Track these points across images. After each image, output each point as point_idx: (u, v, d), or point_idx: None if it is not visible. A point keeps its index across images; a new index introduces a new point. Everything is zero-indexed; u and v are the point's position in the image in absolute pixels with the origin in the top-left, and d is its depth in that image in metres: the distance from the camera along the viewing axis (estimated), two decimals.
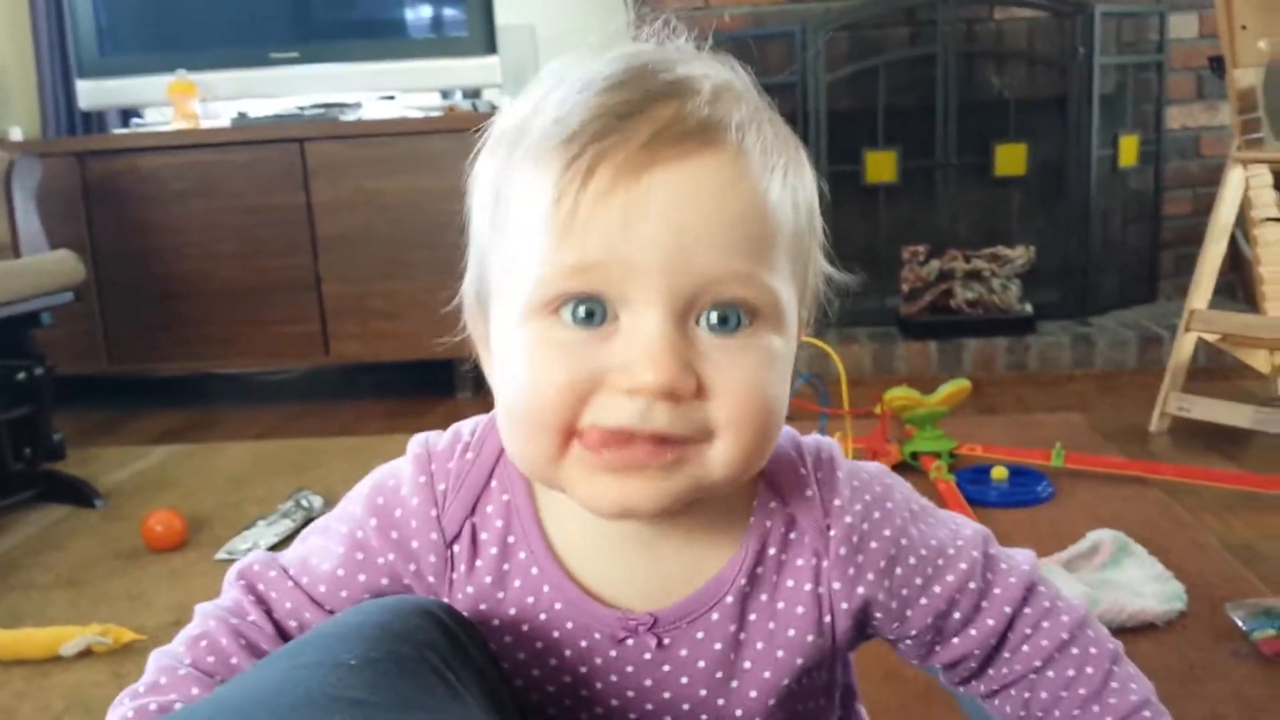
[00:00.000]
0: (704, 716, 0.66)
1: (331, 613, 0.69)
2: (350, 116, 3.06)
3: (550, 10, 3.40)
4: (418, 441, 0.71)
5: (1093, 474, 2.04)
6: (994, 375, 3.00)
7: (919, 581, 0.68)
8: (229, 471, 2.45)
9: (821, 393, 2.04)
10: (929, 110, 3.14)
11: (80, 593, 1.81)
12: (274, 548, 1.91)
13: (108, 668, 1.52)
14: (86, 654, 1.55)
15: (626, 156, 0.55)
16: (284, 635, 0.69)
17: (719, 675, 0.66)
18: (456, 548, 0.67)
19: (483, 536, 0.67)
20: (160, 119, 3.31)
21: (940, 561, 0.68)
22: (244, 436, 2.80)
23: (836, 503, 0.67)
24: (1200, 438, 2.29)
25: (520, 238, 0.58)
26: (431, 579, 0.68)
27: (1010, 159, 3.18)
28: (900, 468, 2.10)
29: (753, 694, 0.66)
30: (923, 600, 0.68)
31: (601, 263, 0.55)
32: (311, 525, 0.74)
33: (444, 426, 0.73)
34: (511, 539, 0.67)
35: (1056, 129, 3.18)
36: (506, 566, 0.67)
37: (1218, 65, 2.34)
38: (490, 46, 3.13)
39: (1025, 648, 0.69)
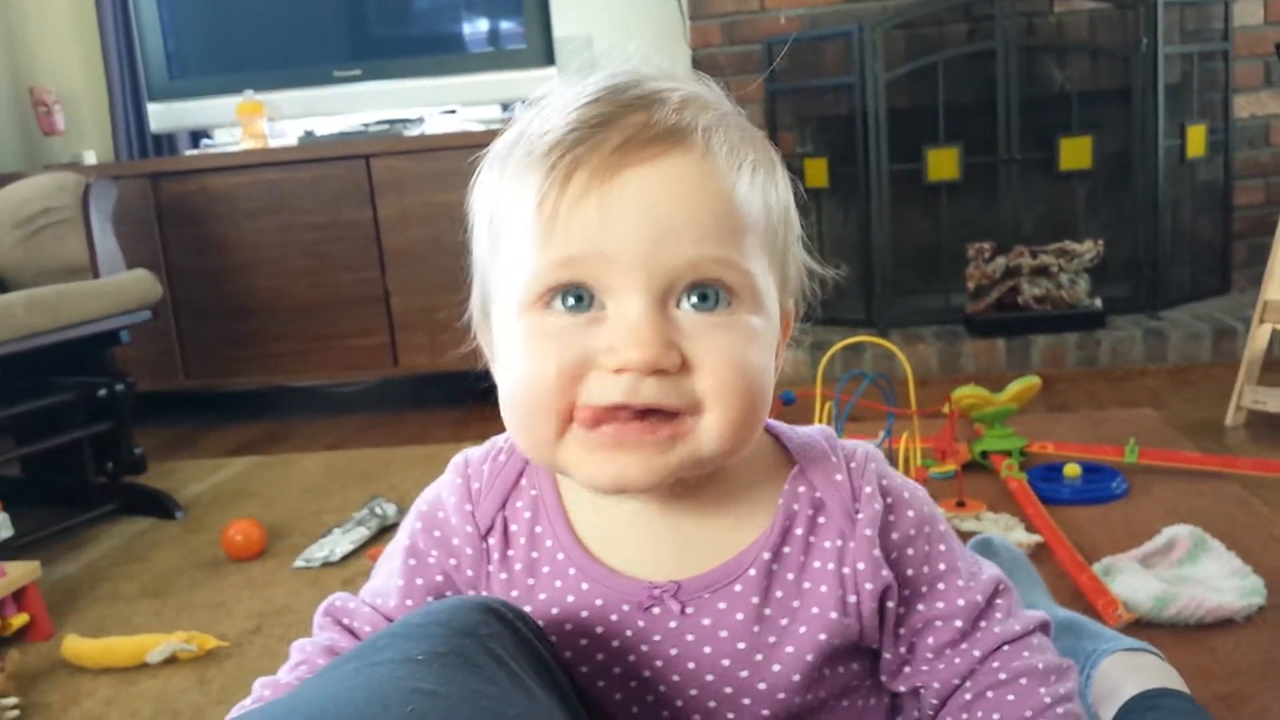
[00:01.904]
0: (729, 689, 0.68)
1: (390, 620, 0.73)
2: (413, 131, 3.10)
3: (607, 20, 3.42)
4: (458, 455, 0.77)
5: (1167, 470, 2.01)
6: (1064, 372, 2.97)
7: (924, 589, 0.71)
8: (304, 482, 2.50)
9: (888, 393, 2.03)
10: (990, 106, 3.11)
11: (164, 602, 1.86)
12: (350, 555, 1.95)
13: (193, 674, 1.56)
14: (172, 661, 1.60)
15: (600, 160, 0.60)
16: None
17: (742, 647, 0.68)
18: (491, 540, 0.72)
19: (513, 529, 0.72)
20: (229, 139, 3.39)
21: (942, 585, 0.71)
22: (316, 447, 2.85)
23: (867, 490, 0.70)
24: (1277, 431, 2.25)
25: (513, 244, 0.64)
26: (470, 572, 0.73)
27: (1075, 153, 3.14)
28: (970, 467, 2.08)
29: (777, 668, 0.68)
30: (920, 607, 0.71)
31: (584, 256, 0.61)
32: (380, 558, 0.79)
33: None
34: (539, 529, 0.72)
35: (1121, 121, 3.14)
36: (535, 555, 0.71)
37: None
38: (548, 58, 3.16)
39: (968, 683, 0.71)
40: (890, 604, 0.70)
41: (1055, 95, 3.20)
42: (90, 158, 3.36)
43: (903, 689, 0.73)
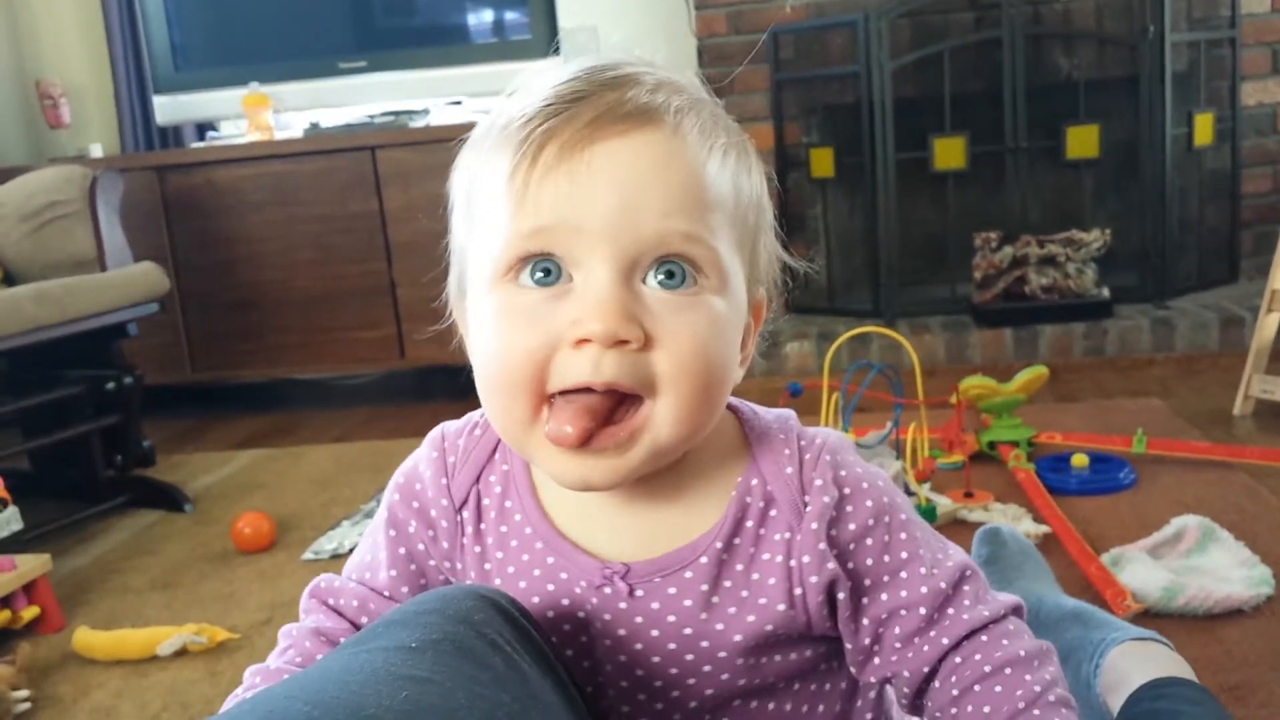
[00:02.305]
0: (674, 670, 0.69)
1: (392, 598, 0.76)
2: (418, 123, 3.10)
3: (612, 10, 3.42)
4: (435, 429, 0.79)
5: (1176, 459, 2.01)
6: (1071, 361, 2.96)
7: (885, 579, 0.71)
8: (312, 474, 2.50)
9: (895, 383, 2.02)
10: (996, 95, 3.11)
11: (174, 595, 1.87)
12: (358, 546, 1.95)
13: (203, 666, 1.57)
14: (182, 653, 1.60)
15: (572, 134, 0.62)
16: (358, 630, 0.74)
17: (688, 632, 0.69)
18: (465, 513, 0.74)
19: (485, 502, 0.74)
20: (235, 132, 3.39)
21: (904, 574, 0.71)
22: (324, 440, 2.86)
23: (817, 483, 0.70)
24: None
25: (486, 218, 0.66)
26: (445, 544, 0.74)
27: (1082, 141, 3.13)
28: (978, 457, 2.08)
29: (722, 654, 0.69)
30: (883, 597, 0.70)
31: (552, 226, 0.62)
32: (363, 534, 0.81)
33: None
34: (508, 503, 0.73)
35: (1128, 109, 3.13)
36: (504, 528, 0.73)
37: None
38: (553, 49, 3.15)
39: (953, 678, 0.70)
40: (841, 595, 0.70)
41: (1062, 83, 3.19)
42: (96, 151, 3.37)
43: (873, 679, 0.73)
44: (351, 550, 1.93)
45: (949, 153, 3.14)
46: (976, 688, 0.69)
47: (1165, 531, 1.64)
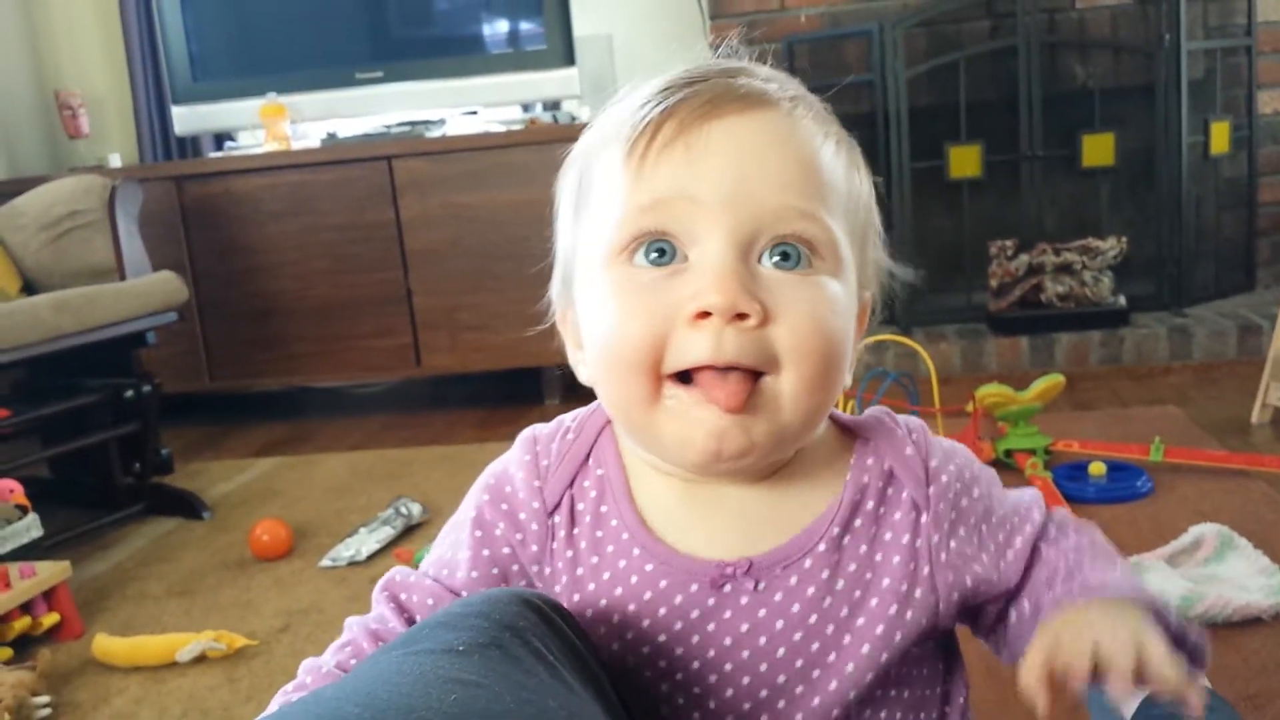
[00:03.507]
0: (799, 662, 0.68)
1: (458, 594, 0.75)
2: (435, 133, 3.12)
3: (627, 19, 3.43)
4: (525, 431, 0.77)
5: (1193, 468, 2.00)
6: (1088, 370, 2.95)
7: (994, 546, 0.72)
8: (329, 482, 2.51)
9: (911, 391, 2.03)
10: (1012, 103, 3.11)
11: (192, 602, 1.88)
12: (376, 554, 1.96)
13: (222, 672, 1.57)
14: (201, 660, 1.61)
15: (690, 110, 0.63)
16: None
17: (814, 620, 0.68)
18: (556, 518, 0.73)
19: (579, 507, 0.72)
20: (252, 141, 3.41)
21: (1017, 518, 0.73)
22: (340, 448, 2.87)
23: (934, 463, 0.71)
24: None
25: (601, 199, 0.66)
26: (535, 547, 0.73)
27: (1098, 149, 3.12)
28: (994, 465, 2.08)
29: (847, 639, 0.68)
30: (1009, 553, 0.72)
31: (669, 199, 0.62)
32: (442, 530, 0.79)
33: None
34: (604, 509, 0.72)
35: (1144, 117, 3.12)
36: (600, 534, 0.71)
37: None
38: (569, 58, 3.17)
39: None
40: (977, 569, 0.71)
41: (1077, 91, 3.18)
42: (115, 160, 3.39)
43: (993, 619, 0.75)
44: (370, 558, 1.95)
45: (964, 161, 3.14)
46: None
47: (1183, 540, 1.63)
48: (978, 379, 2.63)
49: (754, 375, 0.62)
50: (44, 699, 1.51)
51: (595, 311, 0.66)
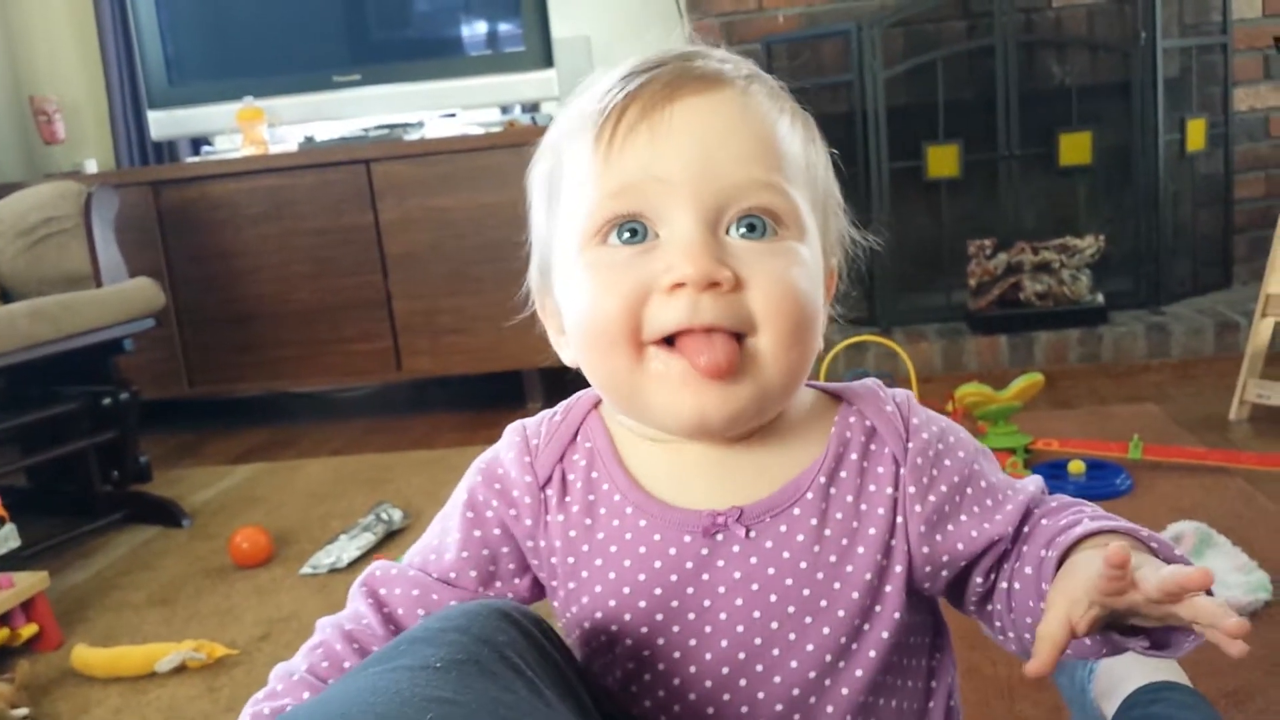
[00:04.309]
0: (792, 608, 0.69)
1: (455, 583, 0.76)
2: (413, 136, 3.11)
3: (605, 21, 3.43)
4: (513, 423, 0.80)
5: (1172, 465, 2.01)
6: (1067, 368, 2.97)
7: (978, 509, 0.72)
8: (309, 487, 2.50)
9: None
10: (989, 102, 3.12)
11: (172, 610, 1.87)
12: (357, 561, 1.95)
13: (202, 683, 1.57)
14: (181, 670, 1.60)
15: (651, 94, 0.66)
16: (395, 627, 0.75)
17: (804, 566, 0.69)
18: (549, 490, 0.75)
19: (570, 478, 0.75)
20: (230, 146, 3.39)
21: (1011, 490, 0.74)
22: (321, 453, 2.86)
23: (915, 421, 0.73)
24: None
25: (572, 188, 0.69)
26: (529, 521, 0.75)
27: (1075, 148, 3.14)
28: None
29: (837, 585, 0.70)
30: (998, 516, 0.72)
31: (637, 183, 0.65)
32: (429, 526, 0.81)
33: None
34: (595, 474, 0.74)
35: (1121, 115, 3.14)
36: (592, 498, 0.74)
37: None
38: (547, 60, 3.16)
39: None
40: (949, 529, 0.71)
41: (1054, 90, 3.20)
42: (91, 166, 3.37)
43: (979, 593, 0.74)
44: (351, 565, 1.95)
45: (942, 161, 3.15)
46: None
47: (1162, 537, 1.64)
48: (957, 378, 2.64)
49: (736, 338, 0.65)
50: (22, 711, 1.49)
51: (574, 293, 0.69)
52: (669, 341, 0.65)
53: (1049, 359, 3.00)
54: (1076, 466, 1.96)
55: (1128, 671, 1.05)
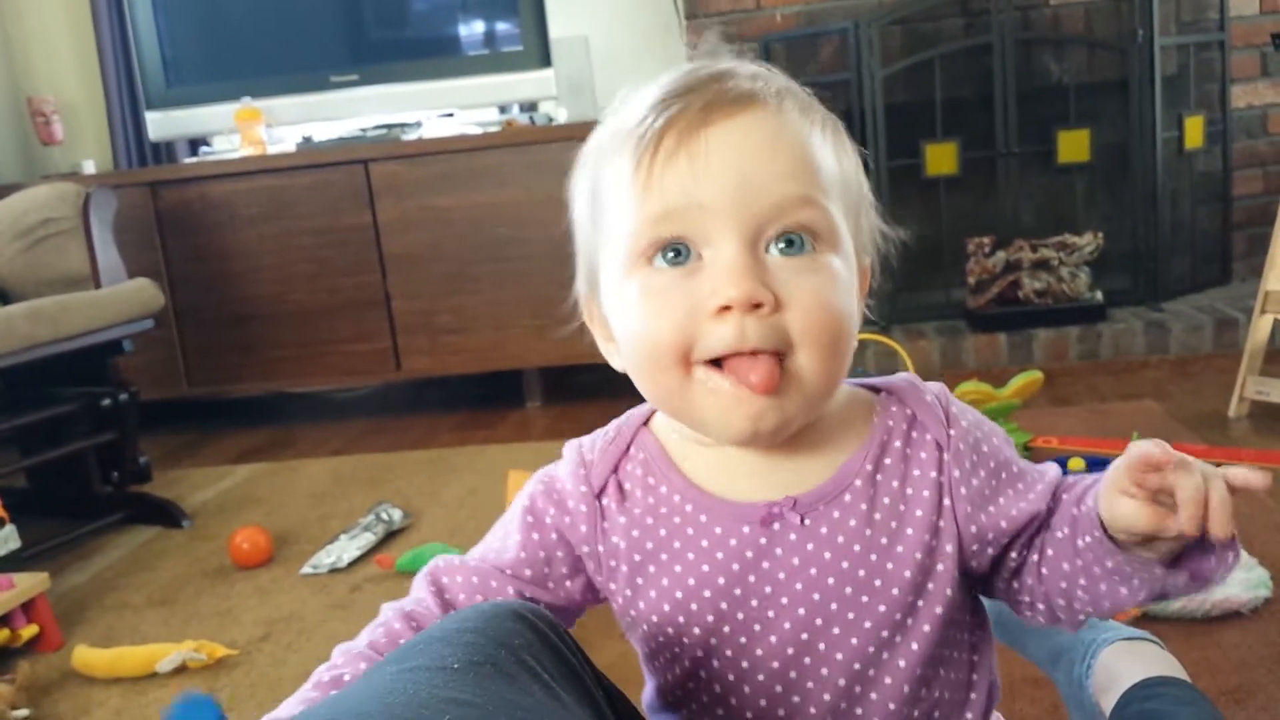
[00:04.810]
0: (849, 589, 0.72)
1: (514, 575, 0.80)
2: (411, 136, 3.11)
3: (603, 21, 3.43)
4: (570, 441, 0.83)
5: None
6: (1066, 365, 2.97)
7: (1013, 491, 0.76)
8: (309, 488, 2.50)
9: None
10: (987, 100, 3.12)
11: (172, 611, 1.87)
12: (357, 560, 1.96)
13: (203, 683, 1.57)
14: (181, 670, 1.60)
15: (687, 121, 0.67)
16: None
17: (858, 549, 0.73)
18: (605, 499, 0.78)
19: (627, 486, 0.79)
20: (228, 146, 3.39)
21: (1037, 472, 0.77)
22: (321, 453, 2.86)
23: (954, 410, 0.77)
24: None
25: (615, 211, 0.71)
26: (584, 528, 0.78)
27: (1073, 145, 3.14)
28: None
29: (890, 565, 0.73)
30: (1023, 504, 0.75)
31: (679, 208, 0.67)
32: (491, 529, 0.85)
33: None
34: (651, 480, 0.78)
35: (1119, 113, 3.14)
36: (651, 500, 0.77)
37: None
38: (545, 60, 3.16)
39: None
40: (991, 510, 0.74)
41: (1052, 88, 3.20)
42: (89, 167, 3.37)
43: (1009, 571, 0.77)
44: (351, 565, 1.95)
45: (941, 159, 3.15)
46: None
47: None
48: (956, 376, 2.64)
49: (778, 357, 0.68)
50: (23, 712, 1.50)
51: (624, 313, 0.72)
52: (716, 362, 0.68)
53: (1048, 356, 3.00)
54: (1076, 464, 1.96)
55: (1124, 668, 1.06)
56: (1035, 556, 0.75)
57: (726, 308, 0.66)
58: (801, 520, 0.73)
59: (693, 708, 0.75)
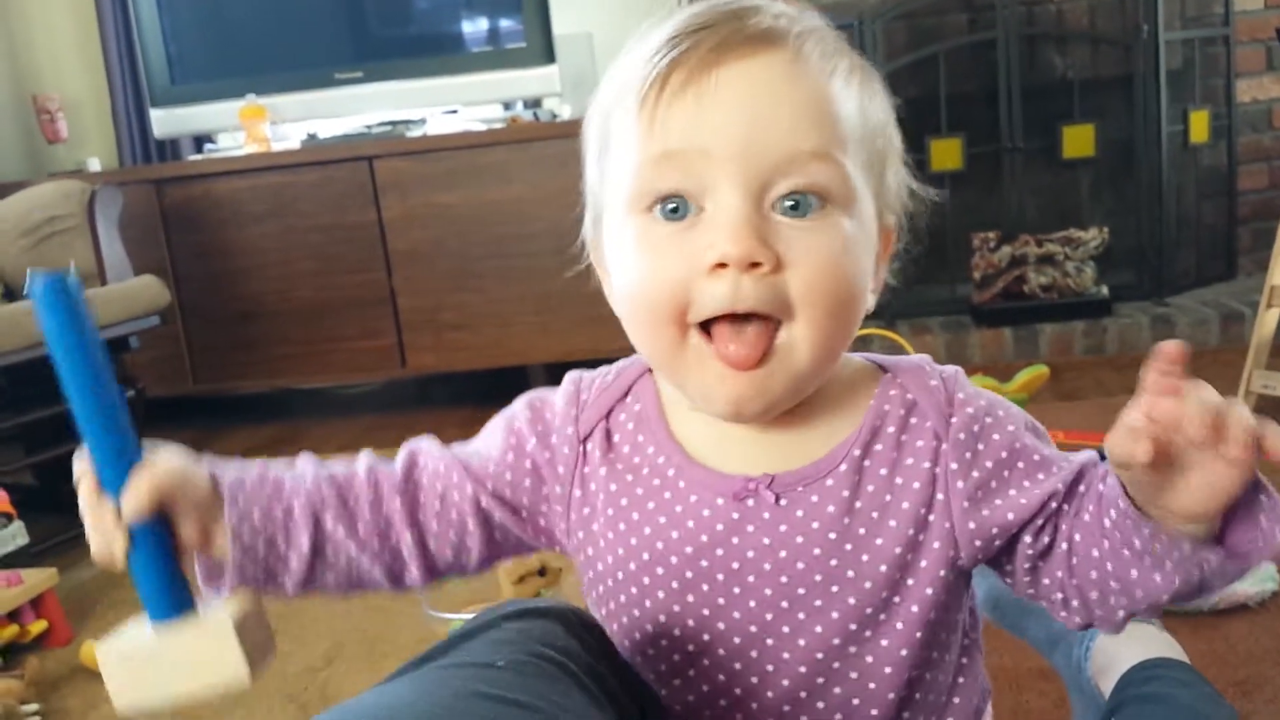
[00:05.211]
0: (818, 576, 0.70)
1: (479, 481, 0.77)
2: (415, 132, 3.11)
3: (606, 16, 3.43)
4: (572, 372, 0.81)
5: None
6: (1072, 360, 2.97)
7: (1028, 481, 0.70)
8: None
9: None
10: (992, 95, 3.12)
11: None
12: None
13: None
14: None
15: (697, 59, 0.63)
16: (410, 488, 0.78)
17: (833, 537, 0.69)
18: (589, 445, 0.76)
19: (615, 437, 0.76)
20: (232, 143, 3.39)
21: (1066, 461, 0.72)
22: (326, 450, 2.84)
23: (960, 395, 0.72)
24: None
25: (620, 151, 0.68)
26: (561, 469, 0.77)
27: (1078, 140, 3.14)
28: None
29: (865, 557, 0.69)
30: (1036, 491, 0.70)
31: (681, 151, 0.64)
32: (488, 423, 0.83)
33: None
34: (641, 437, 0.75)
35: (1124, 108, 3.14)
36: (636, 459, 0.75)
37: None
38: (549, 56, 3.16)
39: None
40: (998, 503, 0.70)
41: (1057, 83, 3.20)
42: (94, 164, 3.37)
43: (1029, 559, 0.72)
44: None
45: (946, 154, 3.15)
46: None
47: None
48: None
49: (772, 324, 0.65)
50: (32, 707, 1.50)
51: (620, 263, 0.69)
52: (708, 324, 0.65)
53: (1053, 351, 2.99)
54: None
55: (1122, 649, 1.05)
56: (1064, 545, 0.70)
57: (723, 264, 0.63)
58: (777, 499, 0.70)
59: (661, 669, 0.73)
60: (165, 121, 3.35)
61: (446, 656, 0.63)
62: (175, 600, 0.68)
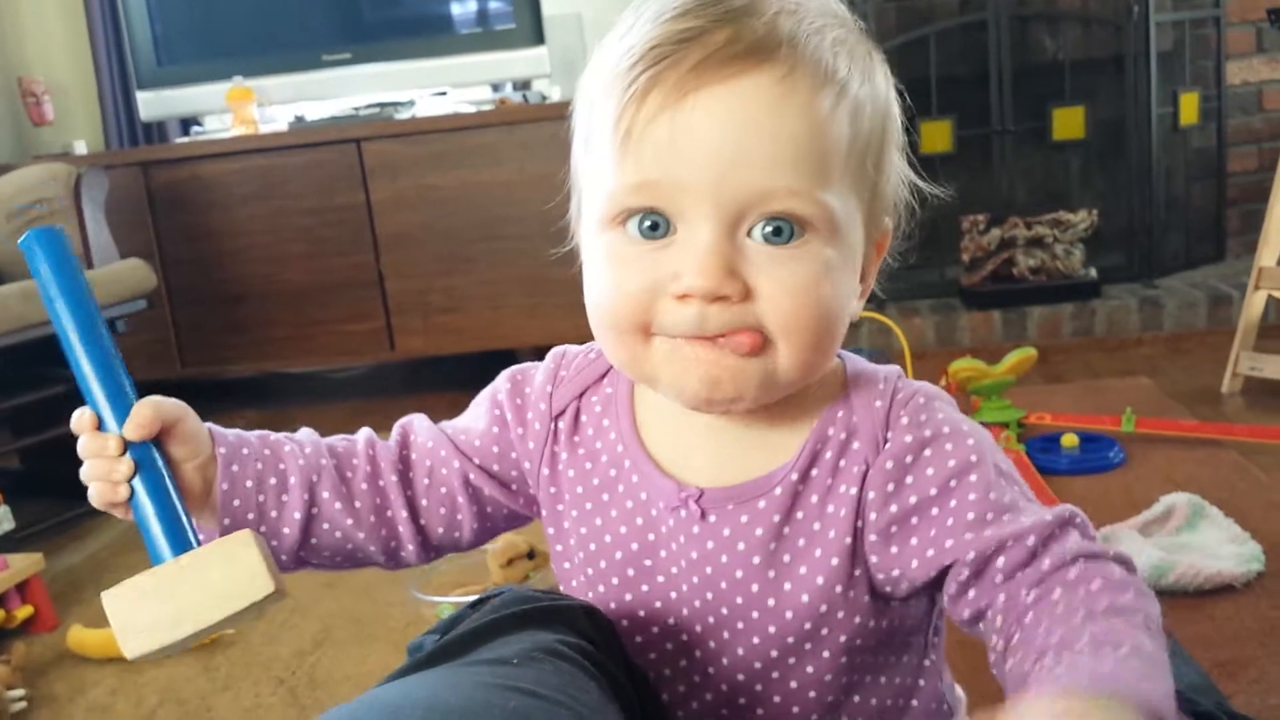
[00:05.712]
0: (739, 599, 0.69)
1: (466, 456, 0.79)
2: (404, 114, 3.09)
3: None
4: (558, 347, 0.82)
5: (1165, 438, 2.01)
6: (1060, 342, 2.97)
7: (951, 523, 0.66)
8: None
9: None
10: (982, 77, 3.11)
11: None
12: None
13: (198, 662, 1.57)
14: None
15: (676, 79, 0.60)
16: (405, 465, 0.81)
17: (757, 561, 0.69)
18: (560, 423, 0.77)
19: (583, 419, 0.77)
20: (220, 126, 3.37)
21: (989, 518, 0.65)
22: None
23: (904, 420, 0.69)
24: (1274, 397, 2.25)
25: (598, 158, 0.66)
26: (532, 444, 0.78)
27: (1068, 122, 3.13)
28: None
29: (788, 586, 0.69)
30: (956, 546, 0.65)
31: (656, 180, 0.61)
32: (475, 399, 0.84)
33: None
34: (606, 423, 0.76)
35: (1114, 90, 3.13)
36: (599, 444, 0.76)
37: (1276, 17, 2.30)
38: (538, 37, 3.14)
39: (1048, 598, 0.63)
40: (913, 542, 0.67)
41: (1047, 65, 3.19)
42: (81, 147, 3.35)
43: (967, 614, 0.67)
44: None
45: (936, 136, 3.14)
46: (1046, 598, 0.62)
47: (1155, 509, 1.64)
48: (951, 353, 2.64)
49: (759, 333, 0.63)
50: (19, 692, 1.50)
51: (590, 272, 0.68)
52: None
53: (1042, 333, 3.00)
54: (1070, 440, 1.96)
55: None
56: (1000, 619, 0.64)
57: (688, 296, 0.61)
58: (704, 515, 0.69)
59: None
60: (152, 104, 3.33)
61: (466, 654, 0.64)
62: (182, 533, 0.67)
